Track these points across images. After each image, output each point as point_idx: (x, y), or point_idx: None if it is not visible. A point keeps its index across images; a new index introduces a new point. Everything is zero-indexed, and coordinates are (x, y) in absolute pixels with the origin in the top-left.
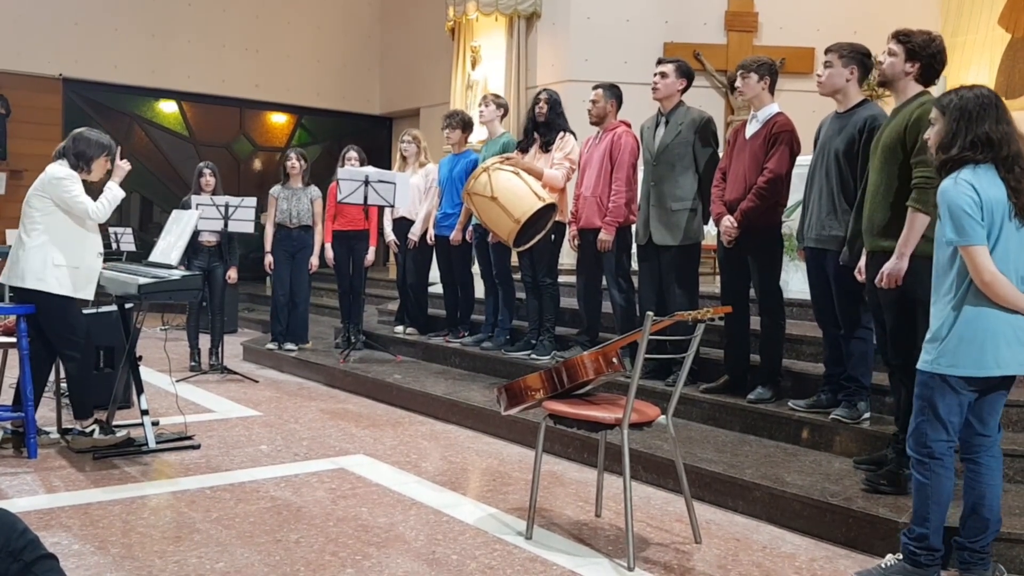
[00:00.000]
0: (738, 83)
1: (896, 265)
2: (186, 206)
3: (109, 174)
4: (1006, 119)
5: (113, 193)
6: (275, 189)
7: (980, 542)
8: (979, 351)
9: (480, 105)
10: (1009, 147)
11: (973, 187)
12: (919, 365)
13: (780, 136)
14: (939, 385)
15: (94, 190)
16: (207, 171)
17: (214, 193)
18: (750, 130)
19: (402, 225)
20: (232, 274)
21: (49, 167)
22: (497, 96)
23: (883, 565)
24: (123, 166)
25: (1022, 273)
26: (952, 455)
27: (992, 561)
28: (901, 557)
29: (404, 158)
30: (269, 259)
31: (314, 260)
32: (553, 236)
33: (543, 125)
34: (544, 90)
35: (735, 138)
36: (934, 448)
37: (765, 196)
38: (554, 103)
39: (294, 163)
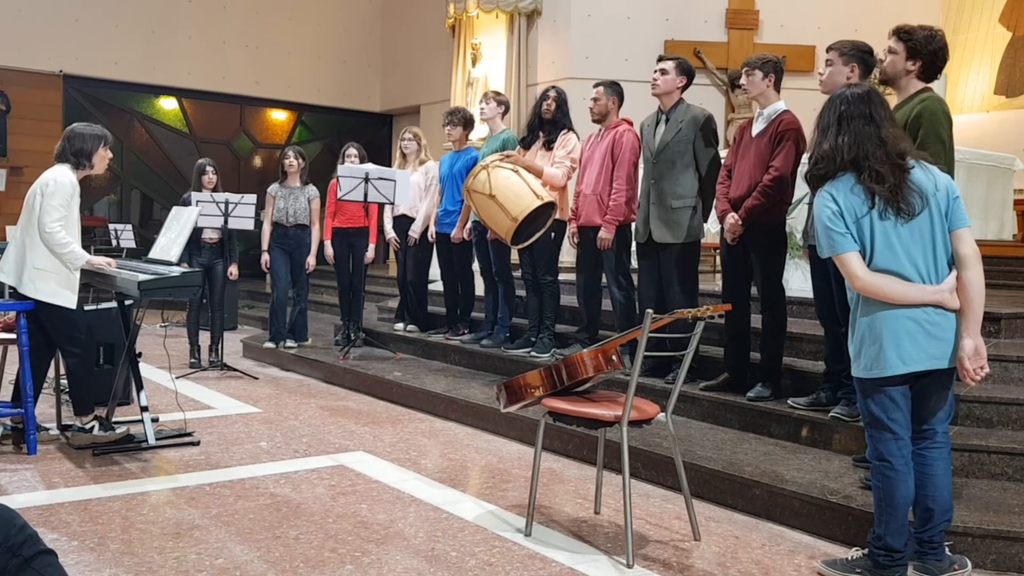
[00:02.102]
0: (743, 81)
1: None
2: (186, 203)
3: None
4: (851, 126)
5: (80, 256)
6: (273, 188)
7: (927, 532)
8: (879, 351)
9: (481, 102)
10: (858, 150)
11: (832, 197)
12: (851, 373)
13: (786, 134)
14: (865, 389)
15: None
16: (209, 168)
17: (215, 190)
18: (756, 128)
19: (402, 222)
20: (233, 270)
21: (50, 170)
22: (498, 93)
23: (849, 557)
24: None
25: (925, 264)
26: (903, 456)
27: (954, 554)
28: (867, 553)
29: (404, 155)
30: (265, 258)
31: (311, 259)
32: (553, 234)
33: (549, 123)
34: (552, 87)
35: (741, 136)
36: (881, 450)
37: (770, 194)
38: (562, 101)
39: (292, 161)
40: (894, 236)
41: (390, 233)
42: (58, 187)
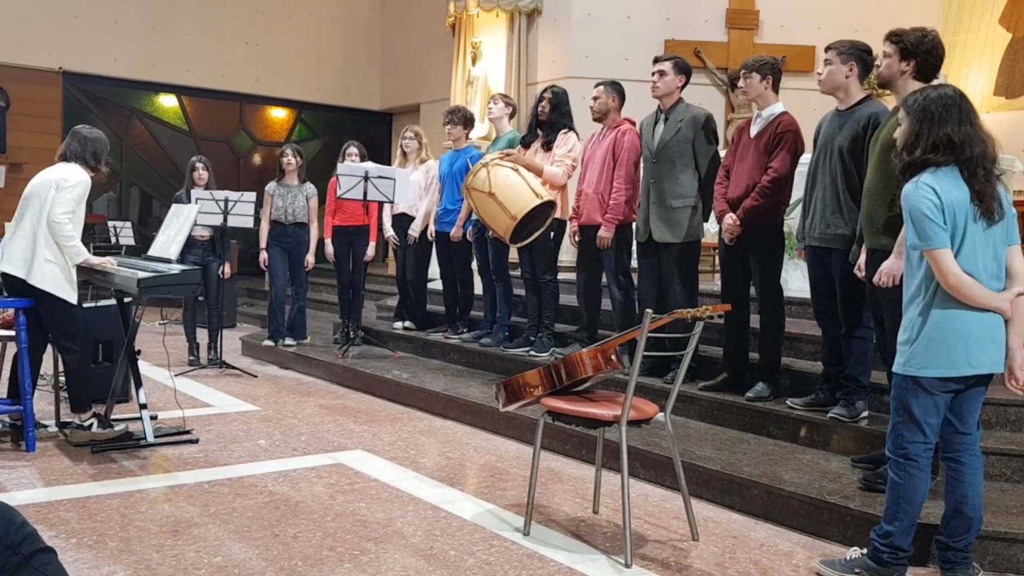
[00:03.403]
0: (741, 83)
1: (895, 263)
2: (179, 201)
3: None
4: (970, 120)
5: (81, 252)
6: (270, 186)
7: (963, 541)
8: (950, 351)
9: (490, 102)
10: (972, 148)
11: (934, 190)
12: (894, 368)
13: (785, 136)
14: (912, 387)
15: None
16: (200, 165)
17: (207, 187)
18: (754, 129)
19: (402, 221)
20: (226, 269)
21: (64, 167)
22: (507, 96)
23: (847, 557)
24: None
25: (992, 271)
26: (929, 457)
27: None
28: (866, 552)
29: (405, 154)
30: (264, 256)
31: (310, 258)
32: (552, 233)
33: (545, 123)
34: (550, 87)
35: (739, 136)
36: (910, 450)
37: (769, 195)
38: (559, 101)
39: (290, 160)
40: (980, 240)
41: (389, 231)
42: (76, 185)
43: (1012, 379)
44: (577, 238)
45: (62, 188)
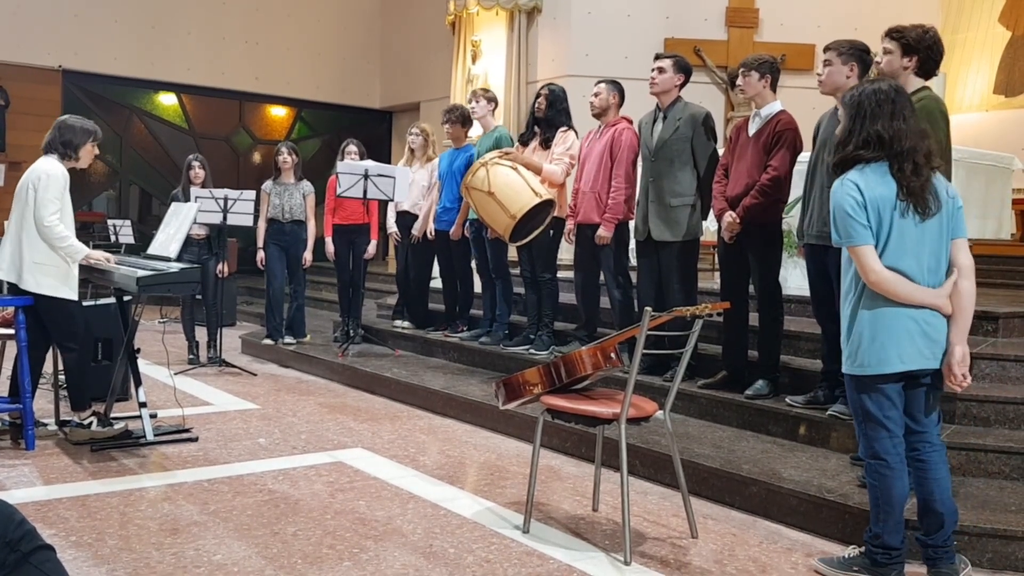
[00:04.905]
0: (739, 82)
1: None
2: (175, 199)
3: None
4: (903, 115)
5: (79, 250)
6: (267, 184)
7: (939, 537)
8: (880, 349)
9: (471, 101)
10: (901, 143)
11: (857, 187)
12: (842, 368)
13: (784, 134)
14: (860, 385)
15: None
16: (196, 163)
17: (203, 185)
18: (752, 128)
19: (405, 219)
20: (223, 268)
21: (40, 162)
22: (486, 90)
23: (846, 555)
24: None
25: (928, 265)
26: (898, 453)
27: (956, 553)
28: (864, 551)
29: (411, 151)
30: (261, 255)
31: (307, 255)
32: (552, 231)
33: (543, 121)
34: (546, 85)
35: (737, 135)
36: (877, 448)
37: (768, 193)
38: (555, 99)
39: (286, 158)
40: (907, 234)
41: (392, 227)
42: (51, 180)
43: (950, 375)
44: (574, 236)
45: (40, 188)
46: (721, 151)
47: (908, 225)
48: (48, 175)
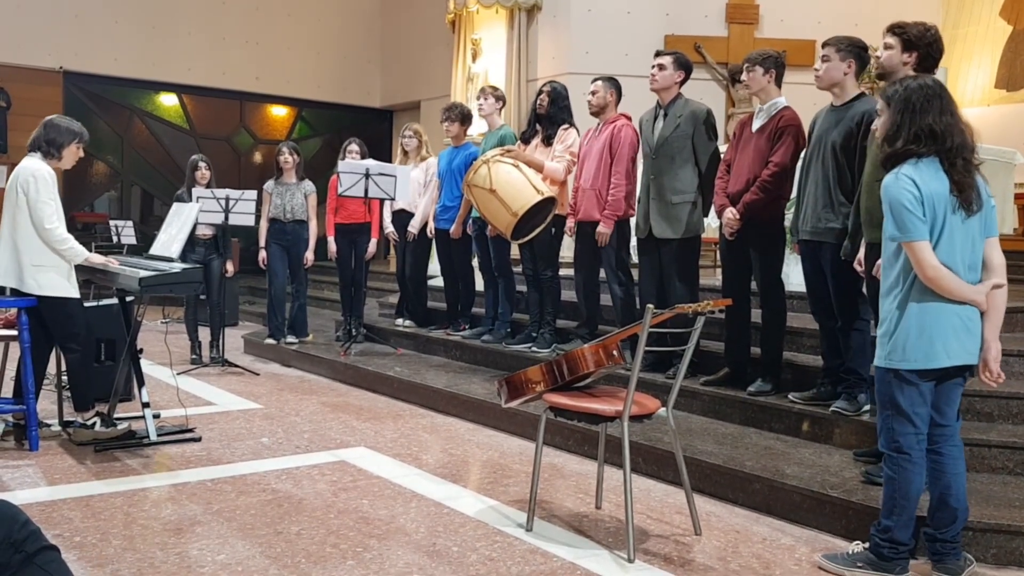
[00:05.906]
0: (744, 77)
1: None
2: (180, 199)
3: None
4: (950, 110)
5: (80, 252)
6: (268, 184)
7: (950, 532)
8: (928, 343)
9: (479, 98)
10: (952, 139)
11: (914, 182)
12: (875, 362)
13: (786, 130)
14: (895, 380)
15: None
16: (202, 164)
17: (208, 186)
18: (756, 123)
19: (401, 218)
20: (229, 267)
21: (25, 162)
22: (495, 88)
23: (850, 551)
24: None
25: (969, 262)
26: (921, 449)
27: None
28: (868, 546)
29: (405, 152)
30: (263, 255)
31: (309, 255)
32: (553, 229)
33: (545, 118)
34: (548, 82)
35: (740, 131)
36: (902, 443)
37: (769, 189)
38: (557, 96)
39: (287, 157)
40: (959, 232)
41: (389, 228)
42: (40, 181)
43: (987, 371)
44: (574, 233)
45: (31, 191)
46: (722, 148)
47: (956, 221)
48: (35, 177)
